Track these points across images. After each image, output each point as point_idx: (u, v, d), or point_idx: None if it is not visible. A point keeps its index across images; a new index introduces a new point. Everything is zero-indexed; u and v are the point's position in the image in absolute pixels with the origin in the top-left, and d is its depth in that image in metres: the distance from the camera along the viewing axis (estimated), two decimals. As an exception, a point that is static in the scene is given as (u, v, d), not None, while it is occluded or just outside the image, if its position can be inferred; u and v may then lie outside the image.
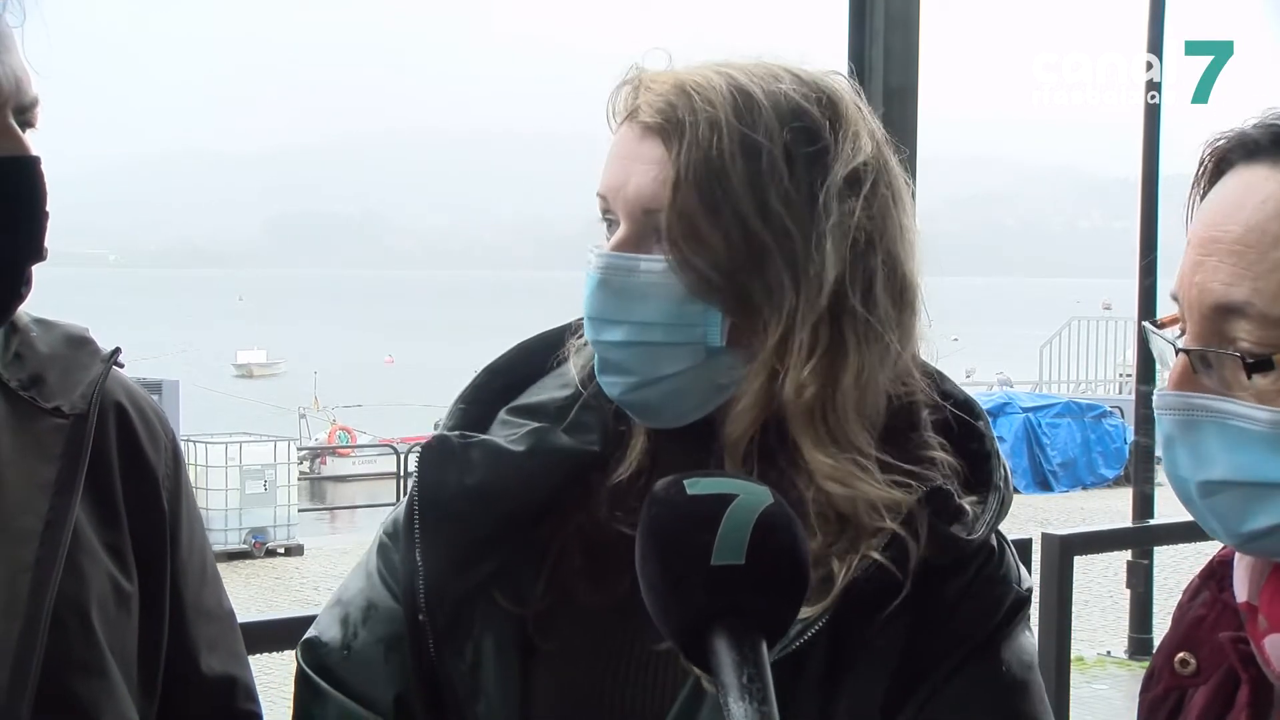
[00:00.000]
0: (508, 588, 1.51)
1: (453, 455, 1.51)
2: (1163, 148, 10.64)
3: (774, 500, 1.22)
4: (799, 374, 1.45)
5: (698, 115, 1.43)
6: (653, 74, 1.49)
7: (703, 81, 1.46)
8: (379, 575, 1.61)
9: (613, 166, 1.49)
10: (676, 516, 1.22)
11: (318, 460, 27.64)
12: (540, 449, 1.51)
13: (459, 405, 1.58)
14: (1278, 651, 1.29)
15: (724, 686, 1.13)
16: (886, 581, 1.44)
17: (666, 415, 1.50)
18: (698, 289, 1.44)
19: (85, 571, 1.52)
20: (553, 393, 1.56)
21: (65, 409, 1.54)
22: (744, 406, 1.47)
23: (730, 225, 1.43)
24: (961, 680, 1.48)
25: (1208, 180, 1.32)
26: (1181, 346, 1.30)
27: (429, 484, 1.52)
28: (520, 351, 1.63)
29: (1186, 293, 1.29)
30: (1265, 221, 1.24)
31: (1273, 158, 1.26)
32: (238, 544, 20.24)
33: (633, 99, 1.48)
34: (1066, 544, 4.85)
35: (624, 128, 1.49)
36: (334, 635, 1.61)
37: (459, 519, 1.50)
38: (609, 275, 1.46)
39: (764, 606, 1.18)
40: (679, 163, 1.43)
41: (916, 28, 4.00)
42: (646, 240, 1.46)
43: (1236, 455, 1.26)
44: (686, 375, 1.47)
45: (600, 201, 1.50)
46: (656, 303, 1.45)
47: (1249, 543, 1.30)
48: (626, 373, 1.47)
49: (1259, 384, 1.24)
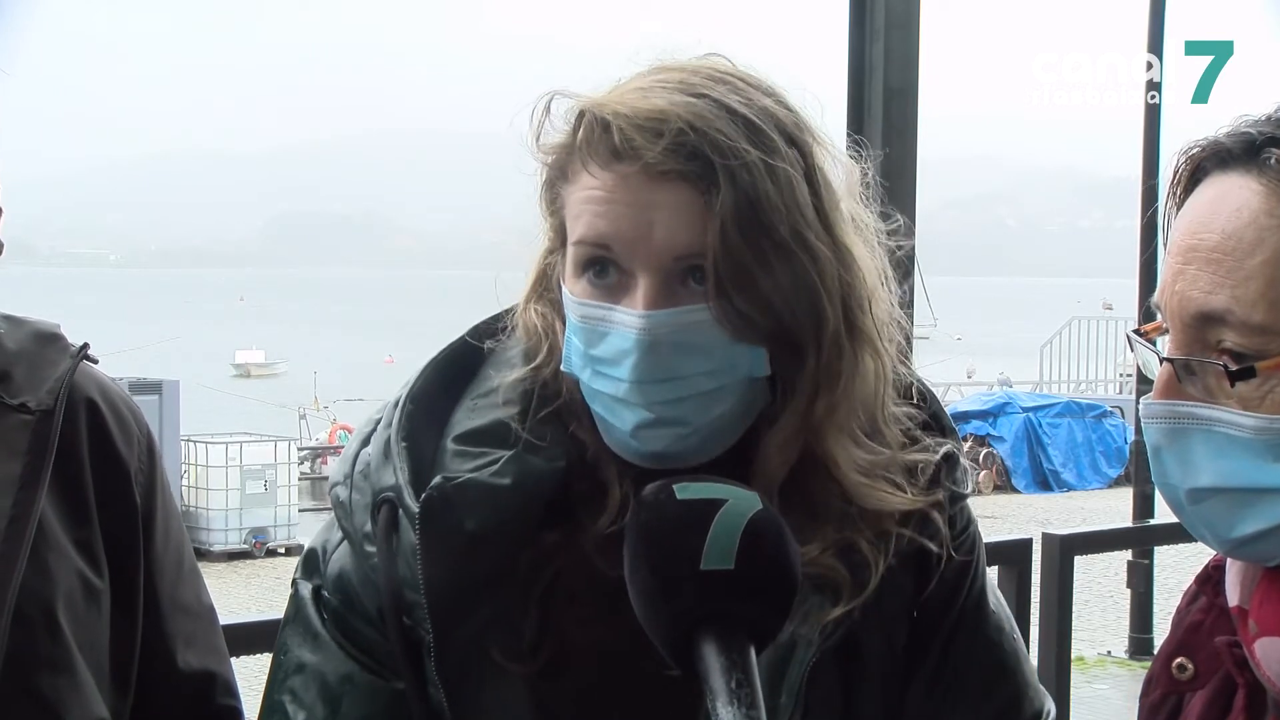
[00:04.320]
0: (505, 639, 1.43)
1: (451, 503, 1.41)
2: (1163, 148, 10.65)
3: (763, 506, 1.22)
4: (833, 393, 1.42)
5: (725, 155, 1.35)
6: (619, 106, 1.38)
7: (699, 113, 1.37)
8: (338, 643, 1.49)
9: (614, 215, 1.37)
10: (666, 521, 1.21)
11: (318, 460, 27.61)
12: (522, 479, 1.43)
13: (403, 443, 1.45)
14: (1269, 655, 1.29)
15: (712, 691, 1.14)
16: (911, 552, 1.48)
17: (701, 455, 1.42)
18: (742, 331, 1.38)
19: (51, 568, 1.51)
20: (492, 415, 1.47)
21: (32, 405, 1.53)
22: (785, 438, 1.43)
23: (776, 263, 1.37)
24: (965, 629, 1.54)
25: (1183, 189, 1.33)
26: (1165, 355, 1.30)
27: (433, 540, 1.41)
28: (434, 372, 1.52)
29: (1168, 302, 1.30)
30: (1241, 229, 1.24)
31: (1245, 165, 1.27)
32: (238, 544, 20.25)
33: (624, 142, 1.36)
34: (1066, 544, 4.85)
35: (615, 173, 1.38)
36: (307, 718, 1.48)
37: (460, 568, 1.41)
38: (658, 335, 1.36)
39: (753, 612, 1.19)
40: (721, 207, 1.35)
41: (916, 28, 4.00)
42: (672, 288, 1.38)
43: (1223, 462, 1.27)
44: (733, 411, 1.41)
45: (594, 250, 1.39)
46: (706, 352, 1.38)
47: (1238, 548, 1.30)
48: (680, 424, 1.39)
49: (1242, 391, 1.25)
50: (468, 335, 1.55)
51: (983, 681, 1.55)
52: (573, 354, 1.44)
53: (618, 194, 1.37)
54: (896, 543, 1.47)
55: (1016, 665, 1.58)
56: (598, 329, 1.40)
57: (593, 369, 1.41)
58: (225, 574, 18.39)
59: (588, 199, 1.39)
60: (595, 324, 1.40)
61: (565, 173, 1.43)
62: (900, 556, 1.47)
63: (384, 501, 1.44)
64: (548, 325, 1.49)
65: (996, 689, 1.56)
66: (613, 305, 1.39)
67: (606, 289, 1.40)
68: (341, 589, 1.49)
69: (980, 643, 1.56)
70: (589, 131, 1.39)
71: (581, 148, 1.40)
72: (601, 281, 1.40)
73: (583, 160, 1.40)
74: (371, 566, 1.46)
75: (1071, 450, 23.92)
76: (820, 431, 1.43)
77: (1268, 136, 1.26)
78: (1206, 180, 1.30)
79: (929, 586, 1.51)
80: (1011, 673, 1.57)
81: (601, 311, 1.39)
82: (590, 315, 1.40)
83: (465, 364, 1.53)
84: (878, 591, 1.45)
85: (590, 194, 1.39)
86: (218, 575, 17.81)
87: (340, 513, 1.50)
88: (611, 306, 1.39)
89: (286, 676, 1.51)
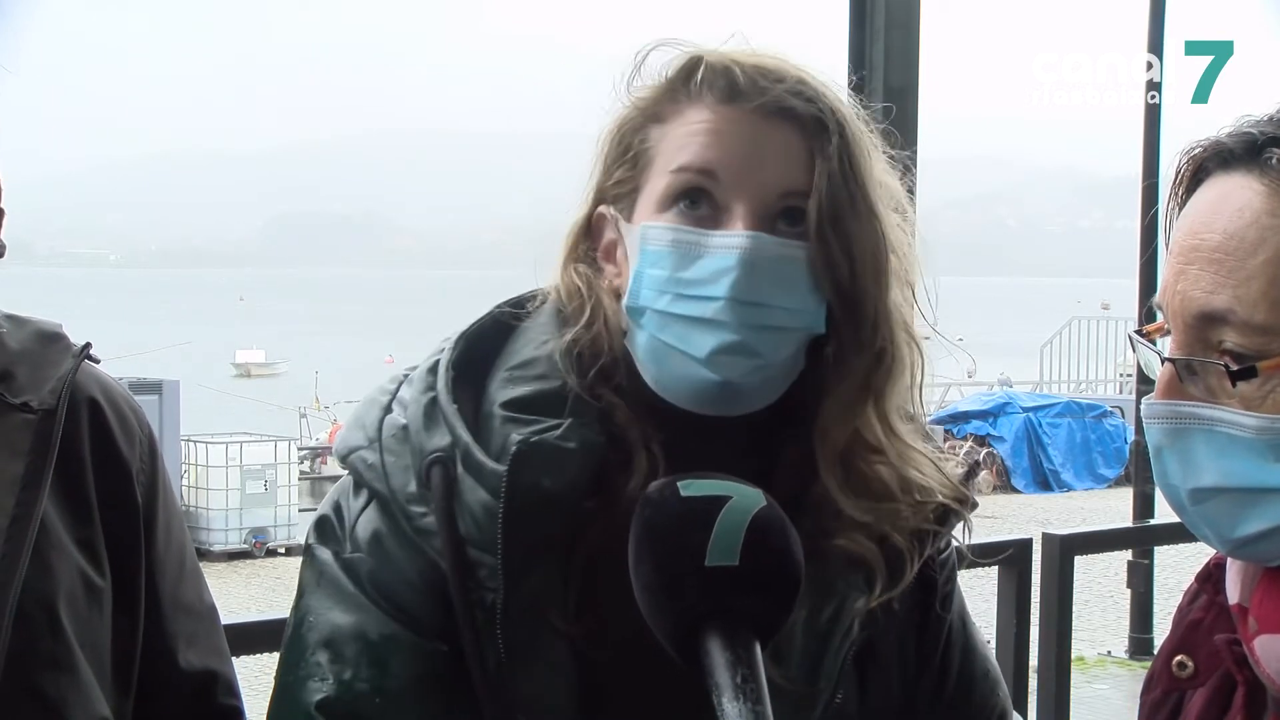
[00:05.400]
0: (556, 602, 1.43)
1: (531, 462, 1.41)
2: (1163, 148, 10.65)
3: (767, 503, 1.22)
4: (886, 367, 1.48)
5: (836, 109, 1.46)
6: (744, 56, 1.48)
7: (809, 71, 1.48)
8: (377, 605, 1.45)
9: (726, 145, 1.44)
10: (671, 518, 1.22)
11: (318, 460, 27.61)
12: (584, 444, 1.43)
13: (454, 405, 1.46)
14: (1268, 653, 1.29)
15: (718, 686, 1.14)
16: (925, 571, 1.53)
17: (754, 401, 1.45)
18: (825, 279, 1.44)
19: (53, 566, 1.51)
20: (537, 385, 1.47)
21: (34, 404, 1.53)
22: (847, 403, 1.47)
23: (865, 220, 1.45)
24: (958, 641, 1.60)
25: (1185, 189, 1.33)
26: (1167, 356, 1.30)
27: (519, 495, 1.41)
28: (467, 344, 1.52)
29: (1170, 302, 1.30)
30: (1243, 229, 1.25)
31: (1247, 166, 1.27)
32: (238, 544, 20.24)
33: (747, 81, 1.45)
34: (1066, 544, 4.85)
35: (735, 110, 1.45)
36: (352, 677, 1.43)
37: (533, 524, 1.41)
38: (760, 258, 1.41)
39: (757, 607, 1.19)
40: (831, 154, 1.43)
41: (916, 28, 4.00)
42: (770, 223, 1.44)
43: (1225, 462, 1.27)
44: (792, 360, 1.45)
45: (693, 178, 1.44)
46: (793, 288, 1.43)
47: (1240, 548, 1.30)
48: (756, 355, 1.42)
49: (1244, 391, 1.25)
50: (494, 311, 1.57)
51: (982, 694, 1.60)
52: (645, 286, 1.45)
53: (733, 126, 1.45)
54: (933, 541, 1.51)
55: (999, 676, 1.65)
56: (691, 252, 1.43)
57: (677, 293, 1.43)
58: (225, 574, 18.39)
59: (696, 131, 1.45)
60: (689, 247, 1.43)
61: (660, 115, 1.49)
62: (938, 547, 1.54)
63: (435, 462, 1.43)
64: (588, 284, 1.51)
65: (990, 700, 1.61)
66: (715, 231, 1.43)
67: (697, 219, 1.44)
68: (377, 552, 1.46)
69: (976, 656, 1.62)
70: (708, 72, 1.47)
71: (694, 88, 1.47)
72: (693, 212, 1.44)
73: (691, 100, 1.47)
74: (416, 529, 1.44)
75: (1071, 450, 23.91)
76: (879, 402, 1.48)
77: (1269, 136, 1.26)
78: (1208, 180, 1.30)
79: (935, 594, 1.55)
80: (996, 683, 1.63)
81: (696, 236, 1.43)
82: (683, 239, 1.43)
83: (495, 337, 1.55)
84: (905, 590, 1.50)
85: (701, 127, 1.45)
86: (218, 575, 17.80)
87: (370, 475, 1.48)
88: (708, 232, 1.43)
89: (320, 641, 1.45)
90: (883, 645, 1.52)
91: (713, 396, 1.43)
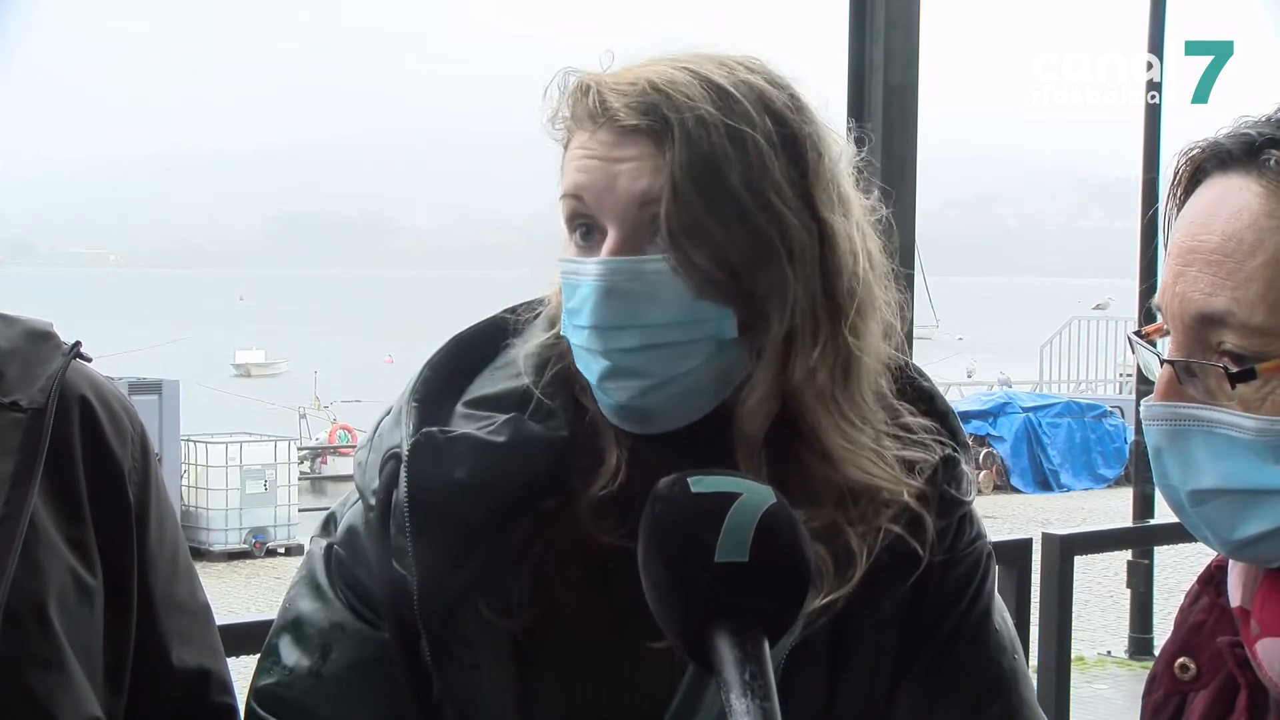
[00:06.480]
0: (493, 596, 1.48)
1: (439, 451, 1.49)
2: (1163, 148, 10.65)
3: (776, 500, 1.22)
4: (808, 360, 1.46)
5: (681, 111, 1.42)
6: (607, 76, 1.47)
7: (672, 78, 1.44)
8: (337, 594, 1.57)
9: (588, 169, 1.45)
10: (680, 514, 1.22)
11: (318, 460, 27.65)
12: (518, 439, 1.49)
13: (414, 404, 1.53)
14: (1270, 656, 1.29)
15: (726, 684, 1.14)
16: (906, 553, 1.49)
17: (672, 418, 1.47)
18: (703, 286, 1.43)
19: (43, 566, 1.50)
20: (506, 384, 1.54)
21: (23, 403, 1.53)
22: (758, 399, 1.47)
23: (730, 218, 1.42)
24: (962, 641, 1.55)
25: (1183, 190, 1.33)
26: (1166, 357, 1.30)
27: (420, 482, 1.48)
28: (457, 345, 1.60)
29: (1169, 303, 1.30)
30: (1241, 231, 1.24)
31: (1245, 167, 1.27)
32: (238, 544, 20.25)
33: (597, 103, 1.45)
34: (1066, 544, 4.85)
35: (593, 133, 1.46)
36: (297, 662, 1.56)
37: (448, 515, 1.47)
38: (614, 281, 1.43)
39: (766, 604, 1.19)
40: (674, 159, 1.41)
41: (916, 28, 4.00)
42: (639, 241, 1.44)
43: (1224, 463, 1.27)
44: (699, 371, 1.45)
45: (571, 204, 1.47)
46: (666, 302, 1.43)
47: (1240, 549, 1.30)
48: (640, 376, 1.44)
49: (1243, 392, 1.25)
50: (497, 315, 1.63)
51: (974, 696, 1.56)
52: (564, 316, 1.50)
53: (592, 149, 1.46)
54: (884, 538, 1.47)
55: (1012, 684, 1.58)
56: (571, 282, 1.47)
57: (570, 324, 1.48)
58: (225, 574, 18.40)
59: (573, 157, 1.48)
60: (570, 277, 1.48)
61: (566, 143, 1.51)
62: (895, 557, 1.48)
63: (390, 458, 1.52)
64: None
65: (986, 705, 1.56)
66: (584, 259, 1.46)
67: (588, 249, 1.47)
68: (349, 543, 1.58)
69: (979, 658, 1.57)
70: (576, 98, 1.49)
71: (576, 115, 1.49)
72: (585, 242, 1.48)
73: (577, 126, 1.49)
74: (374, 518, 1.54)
75: (1071, 450, 23.93)
76: (799, 397, 1.47)
77: (1268, 138, 1.26)
78: (1206, 181, 1.30)
79: (925, 592, 1.52)
80: (1004, 691, 1.57)
81: (574, 265, 1.47)
82: (567, 270, 1.48)
83: (491, 339, 1.61)
84: (869, 590, 1.46)
85: (573, 153, 1.48)
86: (217, 575, 17.81)
87: (356, 472, 1.60)
88: (583, 260, 1.46)
89: (284, 624, 1.60)
90: (859, 650, 1.50)
91: (624, 418, 1.49)
